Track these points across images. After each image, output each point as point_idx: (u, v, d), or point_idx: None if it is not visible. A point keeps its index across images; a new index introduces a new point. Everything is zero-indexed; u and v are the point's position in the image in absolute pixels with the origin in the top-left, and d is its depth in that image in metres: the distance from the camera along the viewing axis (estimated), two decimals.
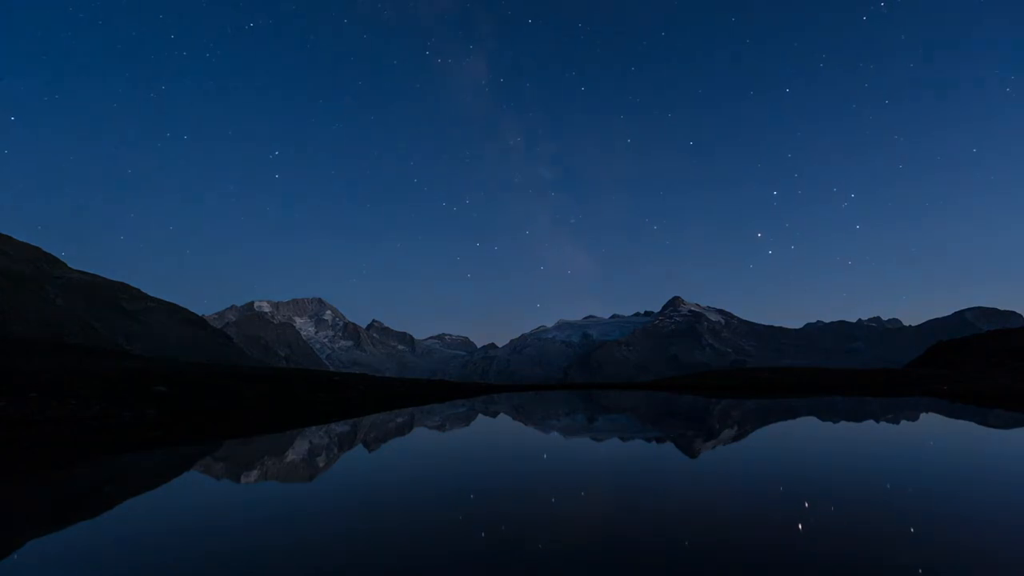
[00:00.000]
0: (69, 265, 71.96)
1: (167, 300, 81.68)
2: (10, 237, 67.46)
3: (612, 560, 3.79)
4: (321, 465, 9.03)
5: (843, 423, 15.04)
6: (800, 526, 4.51)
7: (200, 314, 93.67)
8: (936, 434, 12.34)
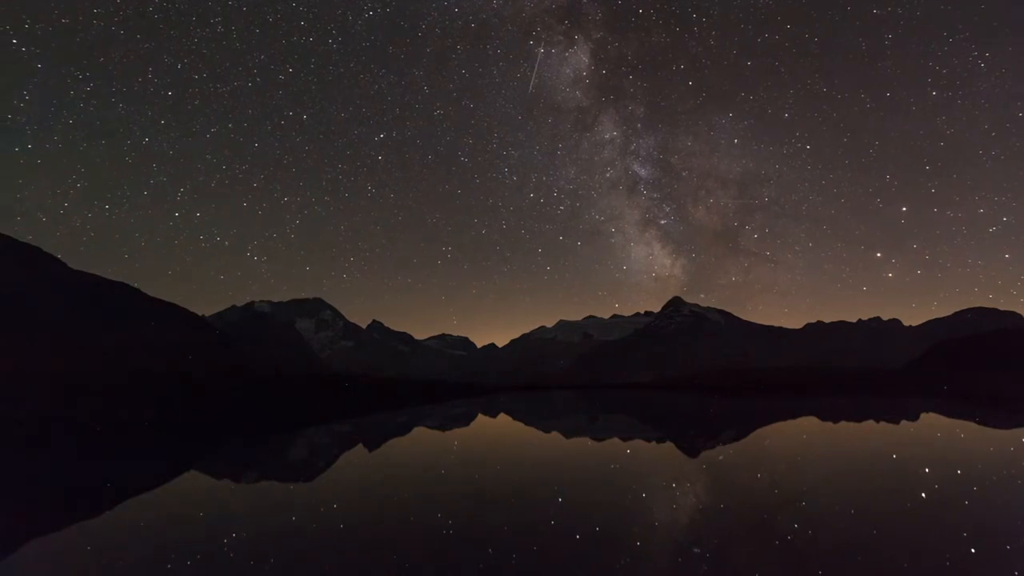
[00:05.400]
0: (69, 266, 71.99)
1: (167, 300, 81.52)
2: (10, 237, 67.47)
3: (612, 560, 3.80)
4: (320, 466, 9.04)
5: (843, 423, 15.04)
6: (801, 528, 4.51)
7: (200, 314, 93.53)
8: (936, 435, 12.33)
